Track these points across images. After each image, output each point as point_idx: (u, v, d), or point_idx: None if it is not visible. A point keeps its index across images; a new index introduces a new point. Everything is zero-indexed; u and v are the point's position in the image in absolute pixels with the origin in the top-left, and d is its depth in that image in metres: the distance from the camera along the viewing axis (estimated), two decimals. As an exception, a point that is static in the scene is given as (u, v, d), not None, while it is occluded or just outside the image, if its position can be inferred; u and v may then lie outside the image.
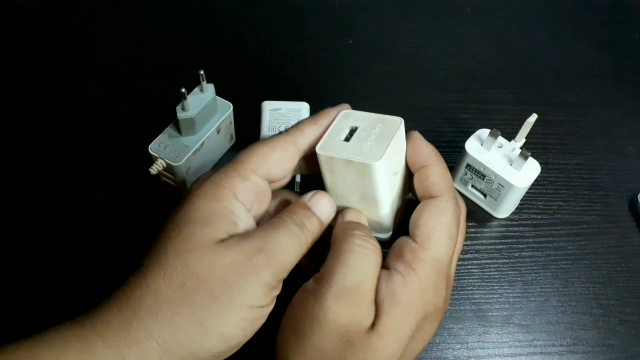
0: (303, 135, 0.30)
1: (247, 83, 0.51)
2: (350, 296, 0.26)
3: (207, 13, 0.57)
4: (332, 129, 0.30)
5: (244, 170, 0.28)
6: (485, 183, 0.42)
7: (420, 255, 0.27)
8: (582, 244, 0.43)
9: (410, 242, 0.28)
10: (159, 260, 0.26)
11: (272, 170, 0.29)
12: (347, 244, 0.28)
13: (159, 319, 0.24)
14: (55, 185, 0.44)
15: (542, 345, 0.38)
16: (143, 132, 0.43)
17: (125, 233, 0.41)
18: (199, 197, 0.27)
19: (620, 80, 0.55)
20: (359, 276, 0.27)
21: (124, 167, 0.45)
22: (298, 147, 0.30)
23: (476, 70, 0.54)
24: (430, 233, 0.28)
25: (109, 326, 0.24)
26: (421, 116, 0.50)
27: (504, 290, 0.41)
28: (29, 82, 0.50)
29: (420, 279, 0.27)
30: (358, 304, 0.26)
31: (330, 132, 0.30)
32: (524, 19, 0.60)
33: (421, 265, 0.27)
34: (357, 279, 0.26)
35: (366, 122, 0.30)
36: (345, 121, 0.30)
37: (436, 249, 0.28)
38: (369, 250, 0.27)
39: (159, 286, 0.25)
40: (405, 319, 0.27)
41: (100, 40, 0.54)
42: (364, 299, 0.26)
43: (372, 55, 0.55)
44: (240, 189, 0.28)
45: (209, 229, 0.26)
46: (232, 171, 0.28)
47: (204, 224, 0.26)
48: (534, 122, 0.39)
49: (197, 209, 0.27)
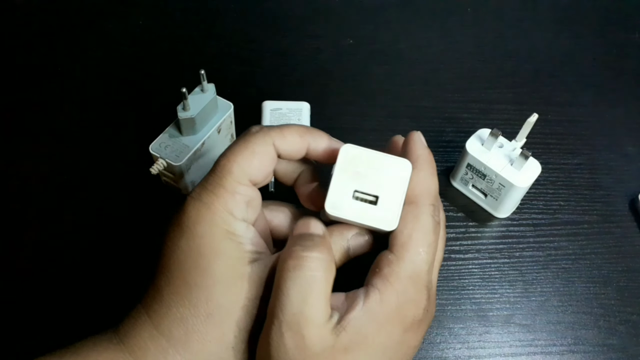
0: (284, 140, 0.29)
1: (248, 83, 0.51)
2: (294, 329, 0.25)
3: (208, 13, 0.57)
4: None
5: (231, 184, 0.28)
6: (486, 183, 0.42)
7: (396, 267, 0.27)
8: (582, 243, 0.43)
9: (387, 254, 0.27)
10: (180, 292, 0.26)
11: (255, 176, 0.29)
12: (280, 271, 0.26)
13: (192, 349, 0.26)
14: (55, 185, 0.44)
15: (542, 345, 0.38)
16: (143, 132, 0.43)
17: (125, 233, 0.41)
18: (199, 224, 0.27)
19: (620, 80, 0.55)
20: (297, 305, 0.25)
21: (125, 167, 0.45)
22: (277, 151, 0.29)
23: (476, 70, 0.54)
24: (405, 242, 0.27)
25: (147, 354, 0.26)
26: (421, 116, 0.50)
27: (504, 289, 0.41)
28: (29, 82, 0.50)
29: (397, 293, 0.26)
30: (308, 334, 0.25)
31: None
32: (524, 19, 0.60)
33: (397, 277, 0.26)
34: (296, 309, 0.25)
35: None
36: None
37: (413, 258, 0.27)
38: (305, 269, 0.26)
39: (186, 317, 0.26)
40: (379, 334, 0.26)
41: (101, 39, 0.54)
42: (313, 329, 0.25)
43: (372, 55, 0.55)
44: (234, 206, 0.28)
45: (222, 263, 0.27)
46: (220, 189, 0.28)
47: (215, 256, 0.27)
48: (534, 121, 0.39)
49: (202, 237, 0.27)
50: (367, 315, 0.26)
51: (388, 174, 0.28)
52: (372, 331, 0.26)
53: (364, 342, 0.26)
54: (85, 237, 0.41)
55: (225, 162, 0.28)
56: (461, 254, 0.42)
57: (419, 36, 0.57)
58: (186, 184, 0.42)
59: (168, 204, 0.43)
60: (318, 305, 0.25)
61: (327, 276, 0.26)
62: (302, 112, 0.45)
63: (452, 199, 0.45)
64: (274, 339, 0.25)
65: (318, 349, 0.25)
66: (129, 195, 0.43)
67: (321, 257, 0.26)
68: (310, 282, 0.25)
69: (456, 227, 0.44)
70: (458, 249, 0.42)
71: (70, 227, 0.41)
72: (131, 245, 0.41)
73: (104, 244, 0.41)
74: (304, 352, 0.25)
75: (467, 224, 0.44)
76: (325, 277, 0.26)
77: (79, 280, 0.39)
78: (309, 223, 0.29)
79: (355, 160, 0.28)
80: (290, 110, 0.46)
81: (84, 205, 0.43)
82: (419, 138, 0.30)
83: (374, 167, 0.28)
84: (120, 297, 0.38)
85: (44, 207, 0.42)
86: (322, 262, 0.26)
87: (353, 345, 0.26)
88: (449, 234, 0.43)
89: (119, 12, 0.57)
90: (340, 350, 0.25)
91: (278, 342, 0.25)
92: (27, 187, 0.43)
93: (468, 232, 0.43)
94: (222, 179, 0.28)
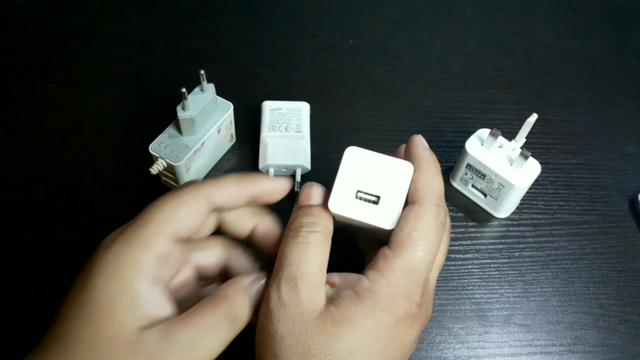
0: (219, 189, 0.29)
1: (248, 83, 0.51)
2: (291, 283, 0.27)
3: (208, 13, 0.57)
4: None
5: (147, 235, 0.27)
6: (486, 183, 0.42)
7: (391, 262, 0.27)
8: (582, 243, 0.43)
9: (385, 249, 0.28)
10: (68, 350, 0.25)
11: (180, 229, 0.28)
12: (282, 241, 0.29)
13: None
14: (55, 185, 0.44)
15: (542, 345, 0.38)
16: (143, 132, 0.43)
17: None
18: (100, 274, 0.26)
19: (620, 80, 0.55)
20: (294, 264, 0.27)
21: (125, 167, 0.45)
22: (210, 202, 0.28)
23: (476, 70, 0.54)
24: (404, 240, 0.27)
25: None
26: (421, 116, 0.50)
27: (504, 290, 0.41)
28: (28, 83, 0.50)
29: (389, 285, 0.27)
30: (302, 289, 0.27)
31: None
32: (524, 19, 0.60)
33: (391, 271, 0.27)
34: (293, 267, 0.27)
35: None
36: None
37: (410, 256, 0.27)
38: (302, 238, 0.28)
39: None
40: (367, 318, 0.26)
41: (100, 39, 0.54)
42: (306, 284, 0.27)
43: (372, 55, 0.55)
44: (143, 261, 0.26)
45: (112, 325, 0.25)
46: (134, 239, 0.26)
47: (106, 316, 0.25)
48: (534, 122, 0.39)
49: (97, 293, 0.26)
50: (355, 297, 0.27)
51: (390, 176, 0.29)
52: (359, 314, 0.27)
53: (352, 322, 0.26)
54: (86, 237, 0.41)
55: (149, 211, 0.28)
56: (461, 254, 0.42)
57: (419, 36, 0.57)
58: (186, 184, 0.42)
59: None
60: (313, 267, 0.28)
61: (323, 246, 0.28)
62: (302, 112, 0.45)
63: (452, 199, 0.45)
64: (273, 293, 0.27)
65: (311, 306, 0.27)
66: (129, 195, 0.43)
67: (317, 231, 0.29)
68: (307, 249, 0.28)
69: (456, 227, 0.44)
70: (458, 249, 0.42)
71: (70, 227, 0.41)
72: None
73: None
74: (298, 306, 0.27)
75: (467, 224, 0.44)
76: (321, 247, 0.28)
77: (79, 280, 0.39)
78: (310, 194, 0.30)
79: (358, 161, 0.30)
80: (290, 110, 0.46)
81: (84, 205, 0.43)
82: (421, 141, 0.31)
83: (376, 168, 0.29)
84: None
85: (44, 207, 0.42)
86: (317, 235, 0.28)
87: (342, 322, 0.26)
88: (449, 234, 0.43)
89: (119, 12, 0.57)
90: (329, 321, 0.26)
91: (276, 296, 0.27)
92: (27, 187, 0.43)
93: (468, 232, 0.43)
94: (139, 228, 0.27)
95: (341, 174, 0.29)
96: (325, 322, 0.26)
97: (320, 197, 0.30)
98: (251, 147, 0.47)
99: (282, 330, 0.27)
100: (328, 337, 0.26)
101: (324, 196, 0.30)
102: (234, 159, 0.46)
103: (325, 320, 0.26)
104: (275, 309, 0.27)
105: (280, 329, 0.27)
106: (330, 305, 0.27)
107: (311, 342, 0.26)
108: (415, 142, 0.31)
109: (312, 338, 0.26)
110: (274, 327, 0.27)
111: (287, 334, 0.26)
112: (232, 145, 0.47)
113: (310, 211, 0.29)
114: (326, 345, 0.26)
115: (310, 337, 0.26)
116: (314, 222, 0.29)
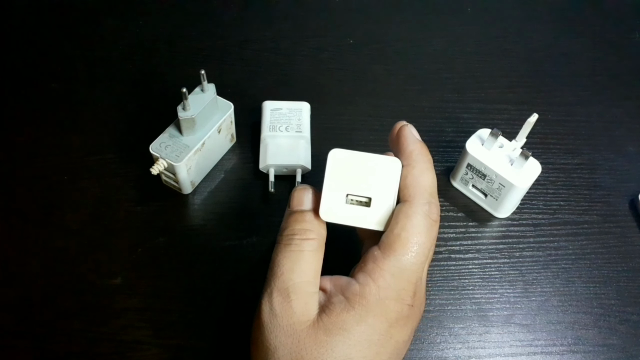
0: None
1: (248, 83, 0.51)
2: (283, 294, 0.27)
3: (208, 13, 0.57)
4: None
5: None
6: (486, 183, 0.42)
7: (380, 264, 0.27)
8: (582, 243, 0.43)
9: (374, 249, 0.28)
10: None
11: None
12: (274, 250, 0.29)
13: None
14: (55, 185, 0.44)
15: (542, 345, 0.38)
16: (144, 132, 0.43)
17: (126, 233, 0.41)
18: None
19: (620, 80, 0.55)
20: (287, 273, 0.28)
21: (125, 167, 0.45)
22: None
23: (476, 70, 0.54)
24: (393, 241, 0.27)
25: None
26: (421, 116, 0.50)
27: (504, 289, 0.41)
28: (28, 83, 0.50)
29: (379, 289, 0.27)
30: (295, 299, 0.27)
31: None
32: (524, 19, 0.60)
33: (380, 274, 0.27)
34: (286, 277, 0.28)
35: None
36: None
37: (399, 257, 0.27)
38: (295, 247, 0.28)
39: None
40: (359, 324, 0.26)
41: (100, 40, 0.54)
42: (298, 295, 0.27)
43: (372, 55, 0.55)
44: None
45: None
46: None
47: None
48: (534, 121, 0.39)
49: None
50: (346, 304, 0.27)
51: (378, 175, 0.28)
52: (352, 321, 0.26)
53: (344, 329, 0.26)
54: (85, 238, 0.41)
55: None
56: (461, 254, 0.42)
57: (419, 36, 0.57)
58: (186, 184, 0.42)
59: (168, 204, 0.43)
60: (306, 276, 0.28)
61: (317, 254, 0.28)
62: (302, 112, 0.45)
63: (452, 199, 0.45)
64: (265, 304, 0.27)
65: (303, 316, 0.27)
66: (129, 196, 0.43)
67: (310, 238, 0.28)
68: (300, 257, 0.28)
69: (456, 227, 0.44)
70: (458, 249, 0.42)
71: (70, 227, 0.41)
72: (132, 246, 0.41)
73: (105, 244, 0.41)
74: (290, 317, 0.27)
75: (467, 224, 0.44)
76: (314, 254, 0.28)
77: (79, 281, 0.39)
78: (302, 199, 0.30)
79: (344, 163, 0.28)
80: (290, 110, 0.46)
81: (84, 205, 0.43)
82: (410, 131, 0.29)
83: (363, 169, 0.28)
84: (119, 297, 0.38)
85: (44, 207, 0.42)
86: (311, 242, 0.28)
87: (335, 330, 0.26)
88: (449, 234, 0.43)
89: (119, 12, 0.57)
90: (321, 330, 0.26)
91: (268, 307, 0.27)
92: (27, 187, 0.43)
93: (468, 232, 0.43)
94: None
95: (328, 179, 0.28)
96: (318, 332, 0.26)
97: (312, 201, 0.29)
98: (251, 147, 0.47)
99: (275, 342, 0.27)
100: (322, 347, 0.26)
101: (315, 199, 0.29)
102: (234, 159, 0.46)
103: (318, 330, 0.26)
104: (267, 320, 0.27)
105: (273, 340, 0.27)
106: (322, 314, 0.27)
107: (305, 352, 0.26)
108: (404, 134, 0.29)
109: (306, 349, 0.26)
110: (267, 339, 0.27)
111: (280, 346, 0.26)
112: (233, 145, 0.47)
113: (302, 217, 0.29)
114: (320, 354, 0.26)
115: (304, 347, 0.26)
116: (307, 229, 0.28)
